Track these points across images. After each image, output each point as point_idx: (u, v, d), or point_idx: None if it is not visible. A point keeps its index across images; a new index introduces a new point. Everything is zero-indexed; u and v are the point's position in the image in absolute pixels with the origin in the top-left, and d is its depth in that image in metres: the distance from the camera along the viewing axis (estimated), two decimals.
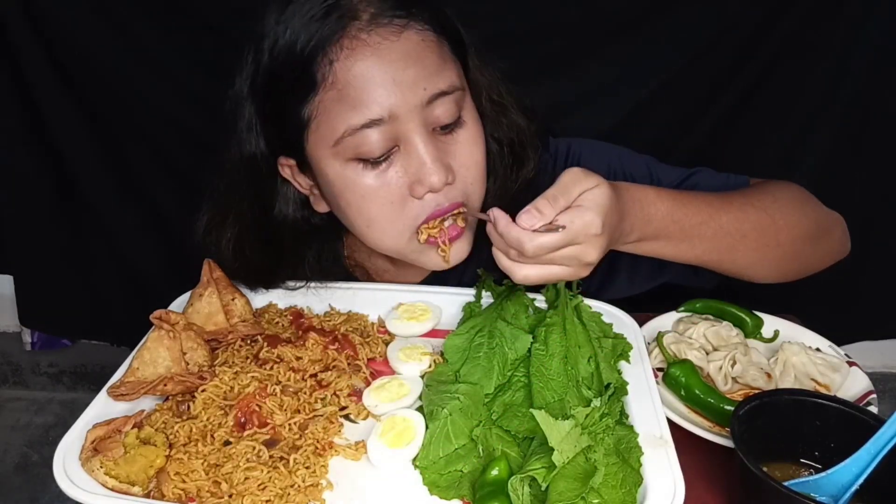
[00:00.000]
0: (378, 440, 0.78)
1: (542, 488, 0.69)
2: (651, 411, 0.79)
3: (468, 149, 0.91)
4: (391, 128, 0.85)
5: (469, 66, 0.95)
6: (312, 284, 1.03)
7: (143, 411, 0.81)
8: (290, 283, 1.03)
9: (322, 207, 0.98)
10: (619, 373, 0.86)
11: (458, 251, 0.94)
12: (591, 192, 0.77)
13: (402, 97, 0.84)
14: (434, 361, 0.90)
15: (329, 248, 1.05)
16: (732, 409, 0.76)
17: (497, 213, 0.78)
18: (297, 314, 0.99)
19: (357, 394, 0.86)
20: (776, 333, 1.00)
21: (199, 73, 1.76)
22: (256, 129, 0.93)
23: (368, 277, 1.11)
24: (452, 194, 0.89)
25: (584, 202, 0.76)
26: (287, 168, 0.96)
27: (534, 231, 0.75)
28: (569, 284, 0.96)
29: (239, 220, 0.99)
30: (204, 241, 1.01)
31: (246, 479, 0.73)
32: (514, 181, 1.02)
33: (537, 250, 0.75)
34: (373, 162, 0.87)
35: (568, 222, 0.75)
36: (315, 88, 0.85)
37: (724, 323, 0.99)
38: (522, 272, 0.79)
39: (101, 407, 0.82)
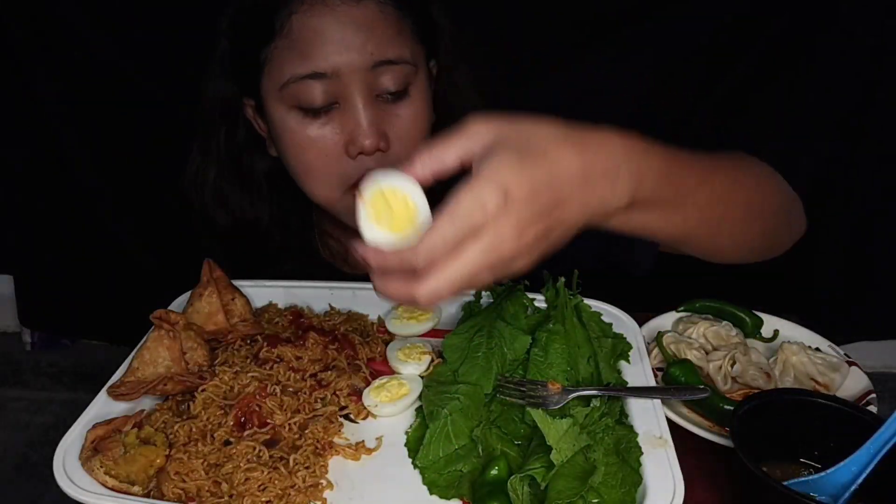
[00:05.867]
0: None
1: (542, 487, 0.69)
2: (651, 411, 0.79)
3: (407, 122, 0.95)
4: (334, 84, 0.90)
5: (440, 56, 1.01)
6: (321, 284, 1.04)
7: (143, 411, 0.81)
8: (270, 282, 1.04)
9: (273, 151, 1.04)
10: (619, 372, 0.86)
11: None
12: (491, 155, 0.57)
13: (348, 57, 0.89)
14: (433, 361, 0.90)
15: (302, 205, 1.09)
16: (732, 408, 0.76)
17: (363, 252, 0.59)
18: (296, 314, 0.99)
19: (357, 393, 0.86)
20: (776, 333, 1.01)
21: (200, 74, 1.76)
22: (226, 66, 1.02)
23: (341, 259, 1.13)
24: (384, 163, 0.93)
25: (478, 168, 0.57)
26: (250, 108, 1.03)
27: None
28: (568, 283, 0.96)
29: (218, 158, 1.05)
30: (190, 186, 1.07)
31: (246, 479, 0.73)
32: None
33: (429, 256, 0.56)
34: (313, 113, 0.92)
35: (453, 202, 0.55)
36: (273, 35, 0.91)
37: (724, 323, 0.99)
38: (424, 291, 0.57)
39: (101, 407, 0.82)
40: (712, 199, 0.74)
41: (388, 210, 0.58)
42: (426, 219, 0.57)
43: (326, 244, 1.15)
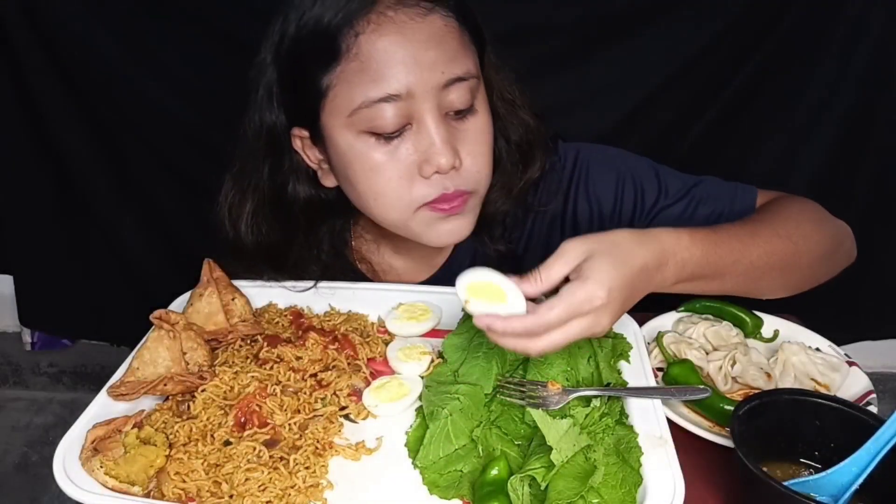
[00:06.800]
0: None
1: (542, 488, 0.69)
2: (651, 411, 0.79)
3: (476, 137, 0.93)
4: (406, 105, 0.87)
5: (485, 63, 0.97)
6: (321, 284, 1.04)
7: (143, 411, 0.81)
8: (298, 284, 1.04)
9: (329, 181, 1.00)
10: (619, 373, 0.86)
11: (455, 229, 0.96)
12: (592, 262, 0.74)
13: (421, 76, 0.86)
14: (433, 361, 0.90)
15: (339, 230, 1.07)
16: (732, 409, 0.76)
17: (486, 321, 0.74)
18: (296, 314, 0.99)
19: (357, 394, 0.86)
20: (776, 333, 1.01)
21: (199, 73, 1.76)
22: (276, 97, 0.96)
23: (373, 271, 1.11)
24: (458, 180, 0.91)
25: (585, 272, 0.74)
26: (299, 140, 0.98)
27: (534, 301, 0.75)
28: None
29: (257, 192, 1.01)
30: (226, 218, 1.03)
31: (246, 479, 0.73)
32: (520, 180, 1.04)
33: (546, 328, 0.73)
34: (385, 137, 0.89)
35: (569, 295, 0.73)
36: (338, 58, 0.88)
37: (724, 323, 0.99)
38: (538, 347, 0.75)
39: (101, 407, 0.82)
40: (749, 268, 0.87)
41: (482, 292, 0.75)
42: (512, 290, 0.74)
43: (360, 262, 1.13)
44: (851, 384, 0.91)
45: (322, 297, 1.03)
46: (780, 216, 0.96)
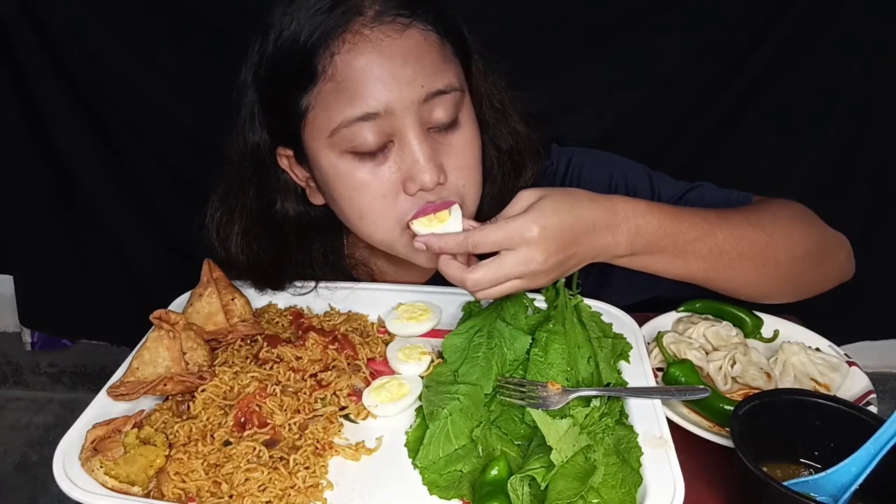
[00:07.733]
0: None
1: (542, 488, 0.69)
2: (651, 411, 0.79)
3: (462, 151, 0.92)
4: (387, 123, 0.86)
5: (472, 72, 0.96)
6: (321, 285, 1.04)
7: (143, 411, 0.81)
8: (297, 284, 1.04)
9: (318, 199, 0.99)
10: (619, 373, 0.86)
11: None
12: (537, 203, 0.80)
13: (400, 93, 0.85)
14: (433, 361, 0.90)
15: (332, 243, 1.06)
16: (732, 409, 0.76)
17: (423, 240, 0.83)
18: (296, 314, 0.99)
19: (357, 394, 0.86)
20: (776, 333, 1.01)
21: (199, 73, 1.76)
22: (258, 117, 0.95)
23: (370, 276, 1.11)
24: (444, 194, 0.90)
25: (527, 210, 0.80)
26: (285, 158, 0.97)
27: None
28: (568, 284, 0.96)
29: (245, 213, 1.00)
30: (215, 239, 1.02)
31: (246, 479, 0.73)
32: (512, 189, 1.02)
33: (474, 248, 0.80)
34: (367, 156, 0.88)
35: (503, 223, 0.79)
36: (315, 79, 0.87)
37: (724, 323, 0.99)
38: (473, 277, 0.81)
39: (101, 407, 0.82)
40: (714, 250, 0.88)
41: (432, 219, 0.85)
42: (455, 212, 0.84)
43: (355, 268, 1.13)
44: (851, 384, 0.91)
45: (322, 298, 1.03)
46: (759, 209, 0.95)
